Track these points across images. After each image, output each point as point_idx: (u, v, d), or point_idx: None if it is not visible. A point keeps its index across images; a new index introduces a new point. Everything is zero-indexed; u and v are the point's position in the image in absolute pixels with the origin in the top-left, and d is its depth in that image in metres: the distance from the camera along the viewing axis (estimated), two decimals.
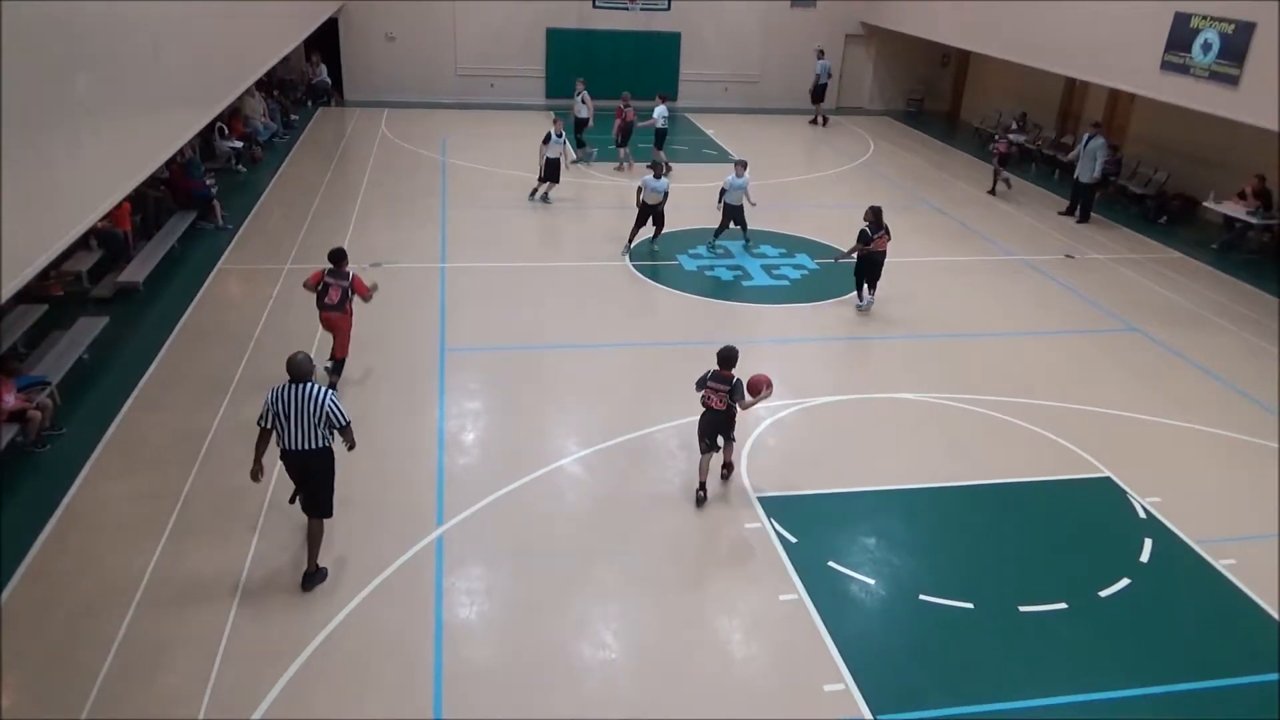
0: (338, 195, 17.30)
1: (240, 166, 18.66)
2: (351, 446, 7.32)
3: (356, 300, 10.16)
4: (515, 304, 12.93)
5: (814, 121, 25.80)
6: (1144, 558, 8.18)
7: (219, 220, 15.37)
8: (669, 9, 25.07)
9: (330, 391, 7.09)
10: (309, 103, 24.90)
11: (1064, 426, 10.22)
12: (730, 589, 7.58)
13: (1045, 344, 12.47)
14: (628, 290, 13.60)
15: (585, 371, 11.09)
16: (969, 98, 27.32)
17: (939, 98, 28.38)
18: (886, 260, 13.21)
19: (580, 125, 20.21)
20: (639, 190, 14.98)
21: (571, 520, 8.33)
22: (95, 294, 12.36)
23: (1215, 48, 14.47)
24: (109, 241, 13.09)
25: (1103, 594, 7.71)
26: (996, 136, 20.63)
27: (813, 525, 8.36)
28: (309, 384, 7.03)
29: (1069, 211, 18.23)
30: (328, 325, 10.24)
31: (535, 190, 17.45)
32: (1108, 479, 9.30)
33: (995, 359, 11.92)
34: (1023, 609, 7.48)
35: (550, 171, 17.05)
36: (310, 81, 25.01)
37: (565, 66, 24.99)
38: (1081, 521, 8.66)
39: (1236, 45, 14.09)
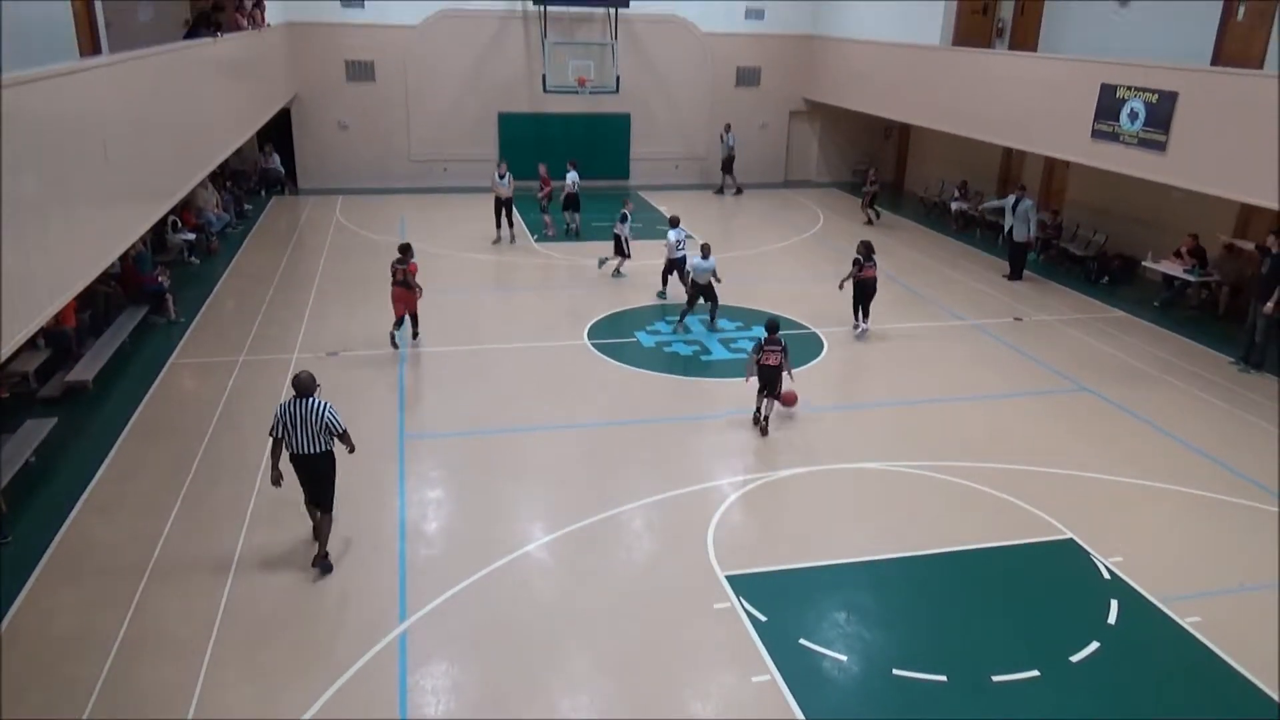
0: (293, 284, 17.24)
1: (193, 258, 18.56)
2: (351, 449, 8.64)
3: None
4: (475, 388, 12.88)
5: (719, 191, 26.66)
6: (1111, 619, 8.21)
7: (171, 314, 15.20)
8: (618, 91, 25.68)
9: (328, 404, 8.38)
10: (262, 192, 24.95)
11: (1023, 489, 10.32)
12: (702, 673, 7.45)
13: (1000, 407, 12.66)
14: (588, 370, 13.62)
15: (548, 454, 11.02)
16: (912, 168, 28.14)
17: (883, 168, 29.19)
18: (878, 289, 15.25)
19: (503, 205, 20.30)
20: (688, 272, 15.20)
21: (538, 609, 8.19)
22: (43, 394, 12.10)
23: (1141, 116, 15.11)
24: (56, 340, 12.87)
25: (1074, 659, 7.70)
26: (870, 177, 23.49)
27: (782, 602, 8.29)
28: (311, 398, 8.31)
29: (1012, 275, 18.74)
30: (397, 296, 13.88)
31: (605, 260, 18.21)
32: (1070, 541, 9.38)
33: (952, 424, 12.06)
34: (996, 679, 7.45)
35: (621, 247, 17.91)
36: (263, 167, 25.09)
37: (518, 149, 25.37)
38: (1047, 585, 8.70)
39: (1161, 113, 14.73)
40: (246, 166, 25.18)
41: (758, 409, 11.81)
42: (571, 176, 20.70)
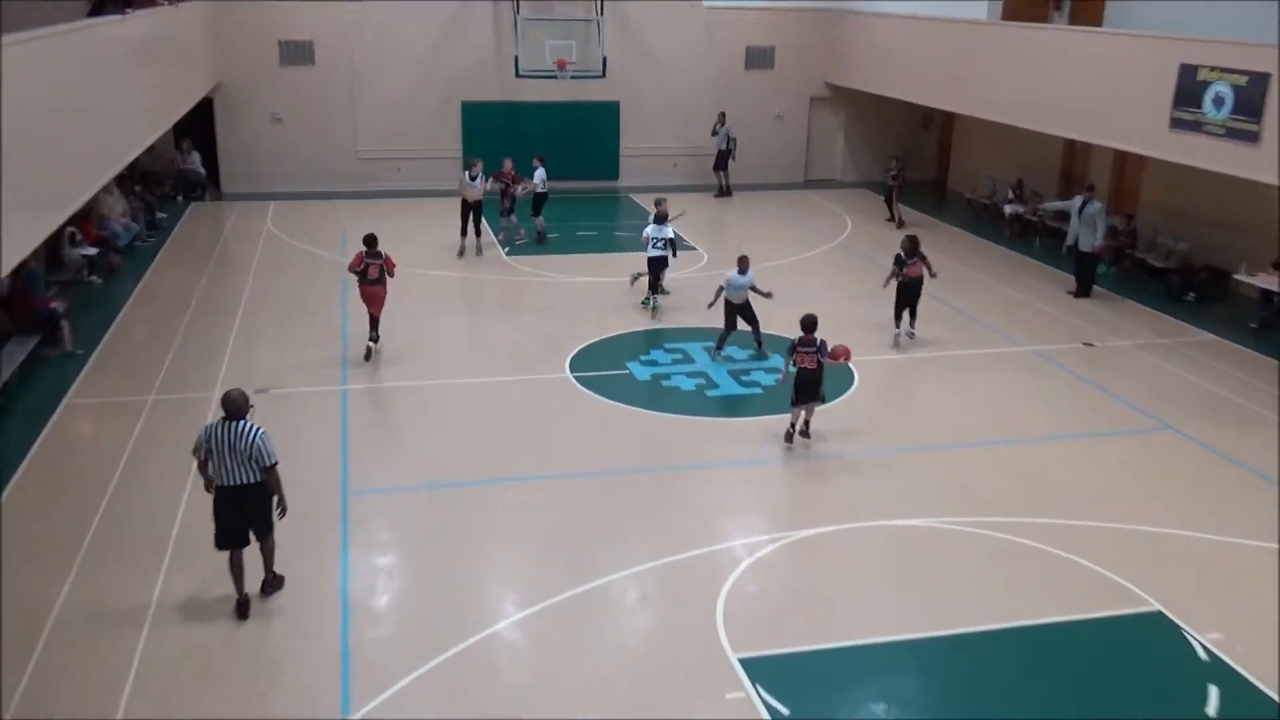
0: (214, 308, 17.18)
1: (94, 277, 18.48)
2: (281, 507, 8.85)
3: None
4: (434, 431, 12.80)
5: (725, 193, 26.70)
6: (1210, 709, 8.10)
7: (67, 345, 15.09)
8: (604, 76, 25.79)
9: (261, 430, 8.66)
10: (179, 197, 24.96)
11: (1099, 550, 10.23)
12: None
13: (1067, 450, 12.60)
14: (570, 408, 13.55)
15: (522, 512, 10.93)
16: (956, 164, 28.29)
17: (922, 165, 29.32)
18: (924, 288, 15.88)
19: (471, 210, 20.45)
20: (719, 290, 15.19)
21: (511, 701, 8.04)
22: None
23: (1229, 102, 15.18)
24: None
25: None
26: (892, 169, 24.12)
27: (808, 691, 8.16)
28: (242, 421, 8.60)
29: (1079, 292, 18.73)
30: (369, 296, 14.70)
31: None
32: (1158, 613, 9.27)
33: (1009, 471, 12.00)
34: None
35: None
36: (180, 168, 25.10)
37: (485, 145, 25.25)
38: (1131, 668, 8.58)
39: (1252, 98, 14.80)
40: (160, 167, 25.19)
41: (792, 423, 12.37)
42: (540, 174, 20.87)
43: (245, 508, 8.76)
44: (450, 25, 25.93)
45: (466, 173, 20.38)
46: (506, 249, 21.00)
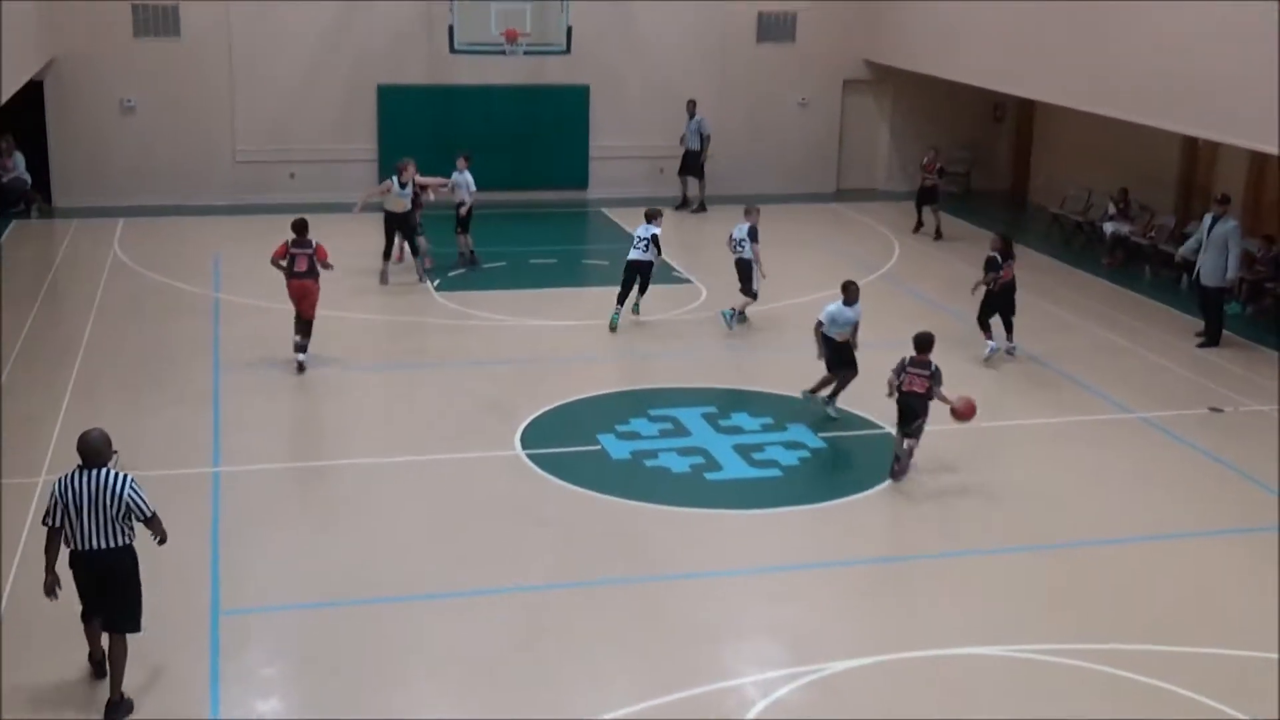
0: (41, 362, 17.16)
1: None
2: (162, 540, 9.46)
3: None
4: (336, 530, 12.74)
5: (682, 207, 27.01)
6: None
7: None
8: (569, 51, 25.90)
9: (130, 477, 9.10)
10: None
11: (1245, 690, 10.14)
12: None
13: (1195, 552, 12.62)
14: (521, 497, 13.53)
15: (457, 638, 10.84)
16: (1039, 169, 28.51)
17: (994, 170, 29.59)
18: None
19: (396, 225, 20.89)
20: (818, 325, 15.31)
21: None
22: None
23: None
24: None
25: None
26: (929, 163, 25.31)
27: None
28: (104, 470, 8.96)
29: (1208, 339, 18.81)
30: (299, 292, 16.38)
31: (735, 315, 19.23)
32: None
33: (1119, 582, 11.98)
34: None
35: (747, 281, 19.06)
36: None
37: (408, 142, 25.30)
38: None
39: None
40: None
41: (897, 451, 13.81)
42: (463, 180, 21.25)
43: (105, 580, 9.08)
44: None
45: (395, 179, 20.53)
46: (436, 281, 21.03)
